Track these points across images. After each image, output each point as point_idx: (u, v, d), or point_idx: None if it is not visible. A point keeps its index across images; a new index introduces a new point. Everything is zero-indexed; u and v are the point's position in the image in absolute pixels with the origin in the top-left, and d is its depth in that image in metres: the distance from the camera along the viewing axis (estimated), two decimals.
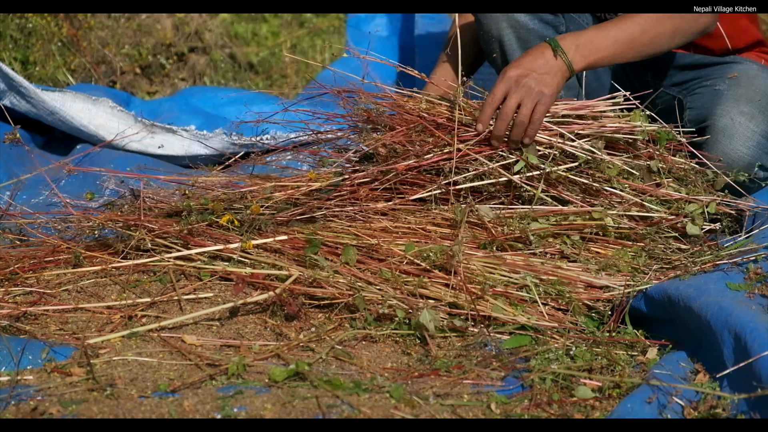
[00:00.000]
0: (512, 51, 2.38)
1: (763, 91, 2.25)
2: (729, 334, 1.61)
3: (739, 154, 2.19)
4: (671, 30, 2.13)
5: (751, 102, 2.22)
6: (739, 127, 2.19)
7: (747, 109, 2.21)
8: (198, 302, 1.91)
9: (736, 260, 1.93)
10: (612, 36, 2.07)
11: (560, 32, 2.40)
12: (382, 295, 1.88)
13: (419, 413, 1.54)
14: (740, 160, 2.19)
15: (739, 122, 2.20)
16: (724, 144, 2.20)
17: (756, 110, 2.22)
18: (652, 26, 2.12)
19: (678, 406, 1.55)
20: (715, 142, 2.21)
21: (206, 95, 3.48)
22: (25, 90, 2.78)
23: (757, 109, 2.22)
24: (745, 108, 2.21)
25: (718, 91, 2.27)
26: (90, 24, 3.78)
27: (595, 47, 2.06)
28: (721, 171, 2.20)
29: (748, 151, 2.19)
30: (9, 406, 1.50)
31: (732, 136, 2.19)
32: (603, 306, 1.95)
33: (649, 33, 2.10)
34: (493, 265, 1.97)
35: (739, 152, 2.19)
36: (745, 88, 2.25)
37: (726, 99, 2.24)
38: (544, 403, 1.59)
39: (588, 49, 2.06)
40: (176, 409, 1.51)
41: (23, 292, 1.93)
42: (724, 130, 2.20)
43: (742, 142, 2.19)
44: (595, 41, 2.06)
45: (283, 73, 4.02)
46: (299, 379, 1.64)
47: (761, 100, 2.23)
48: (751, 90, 2.25)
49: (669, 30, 2.12)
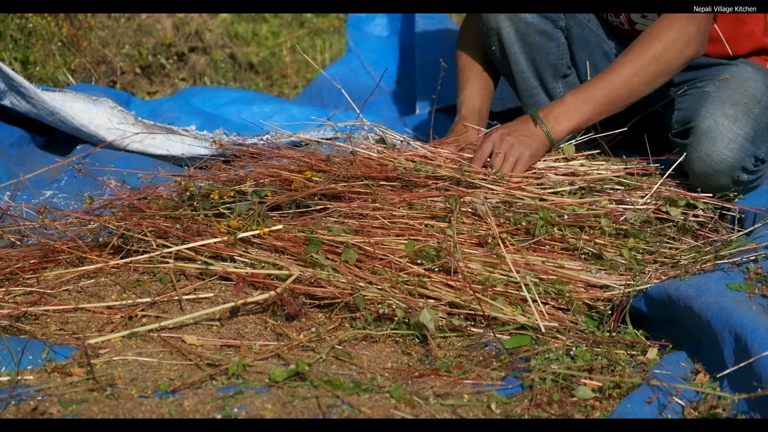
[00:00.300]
0: (511, 44, 2.39)
1: (751, 94, 2.23)
2: (729, 334, 1.61)
3: (722, 157, 2.16)
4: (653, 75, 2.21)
5: (737, 105, 2.19)
6: (722, 129, 2.17)
7: (731, 112, 2.18)
8: (198, 302, 1.91)
9: (736, 260, 1.93)
10: (590, 100, 2.19)
11: (559, 26, 2.40)
12: (382, 295, 1.88)
13: (419, 413, 1.54)
14: (722, 163, 2.17)
15: (723, 124, 2.17)
16: (707, 146, 2.17)
17: (741, 113, 2.19)
18: (633, 77, 2.19)
19: (678, 406, 1.55)
20: (698, 144, 2.18)
21: (206, 95, 3.48)
22: (26, 90, 2.78)
23: (742, 111, 2.19)
24: (730, 110, 2.18)
25: (706, 92, 2.25)
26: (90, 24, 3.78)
27: (574, 115, 2.19)
28: (703, 175, 2.19)
29: (731, 153, 2.16)
30: (9, 406, 1.50)
31: (714, 138, 2.17)
32: (603, 306, 1.95)
33: (630, 85, 2.20)
34: (493, 264, 1.97)
35: (721, 155, 2.16)
36: (733, 90, 2.23)
37: (712, 101, 2.21)
38: (545, 403, 1.59)
39: (566, 119, 2.19)
40: (176, 409, 1.51)
41: (23, 292, 1.93)
42: (707, 132, 2.17)
43: (724, 145, 2.16)
44: (573, 110, 2.19)
45: (284, 73, 4.02)
46: (299, 379, 1.64)
47: (748, 103, 2.20)
48: (738, 92, 2.22)
49: (650, 76, 2.20)
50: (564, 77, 2.47)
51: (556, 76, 2.46)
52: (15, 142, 2.88)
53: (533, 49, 2.40)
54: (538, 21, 2.37)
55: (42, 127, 2.97)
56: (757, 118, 2.21)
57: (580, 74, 2.50)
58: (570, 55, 2.47)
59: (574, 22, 2.43)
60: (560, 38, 2.42)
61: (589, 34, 2.46)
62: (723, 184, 2.20)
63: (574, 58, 2.48)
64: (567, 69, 2.47)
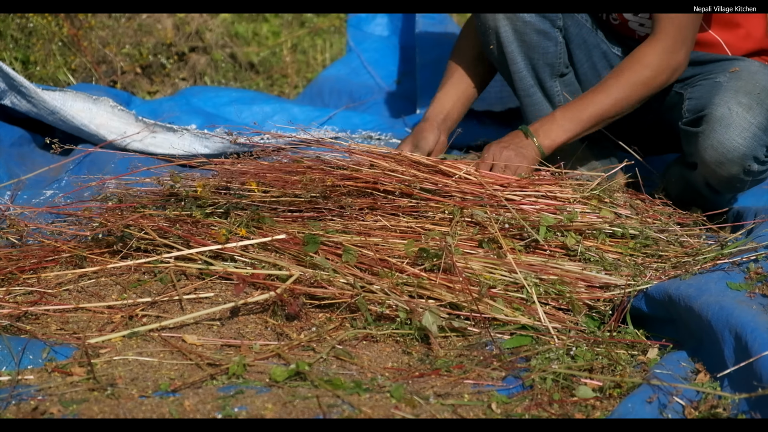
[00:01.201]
0: (508, 42, 2.39)
1: (763, 86, 2.24)
2: (730, 334, 1.61)
3: (735, 144, 2.18)
4: (640, 98, 2.31)
5: (750, 94, 2.21)
6: (736, 117, 2.18)
7: (745, 101, 2.20)
8: (199, 302, 1.91)
9: (736, 260, 1.93)
10: (579, 120, 2.31)
11: (557, 25, 2.41)
12: (382, 298, 1.88)
13: (420, 413, 1.54)
14: (735, 151, 2.18)
15: (737, 112, 2.19)
16: (720, 133, 2.19)
17: (754, 102, 2.20)
18: (621, 101, 2.29)
19: (679, 405, 1.55)
20: (711, 131, 2.20)
21: (207, 95, 3.47)
22: (26, 90, 2.78)
23: (756, 101, 2.20)
24: (744, 99, 2.20)
25: (718, 83, 2.26)
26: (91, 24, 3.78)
27: (562, 132, 2.31)
28: (714, 163, 2.20)
29: (743, 141, 2.18)
30: (10, 406, 1.50)
31: (728, 126, 2.18)
32: (604, 306, 1.95)
33: (617, 107, 2.31)
34: (493, 265, 1.97)
35: (734, 142, 2.18)
36: (745, 81, 2.24)
37: (725, 90, 2.23)
38: (545, 403, 1.59)
39: (555, 134, 2.31)
40: (177, 408, 1.51)
41: (24, 292, 1.93)
42: (721, 120, 2.19)
43: (738, 133, 2.18)
44: (561, 127, 2.31)
45: (284, 72, 4.02)
46: (300, 379, 1.64)
47: (760, 93, 2.22)
48: (750, 83, 2.24)
49: (637, 98, 2.31)
50: (561, 76, 2.48)
51: (554, 75, 2.47)
52: (15, 141, 2.88)
53: (531, 48, 2.40)
54: (536, 20, 2.37)
55: (42, 127, 2.97)
56: None
57: (578, 73, 2.50)
58: (568, 54, 2.47)
59: (572, 22, 2.44)
60: (558, 37, 2.42)
61: (587, 34, 2.47)
62: (734, 173, 2.21)
63: (572, 57, 2.48)
64: (565, 68, 2.47)
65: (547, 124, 2.32)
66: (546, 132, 2.31)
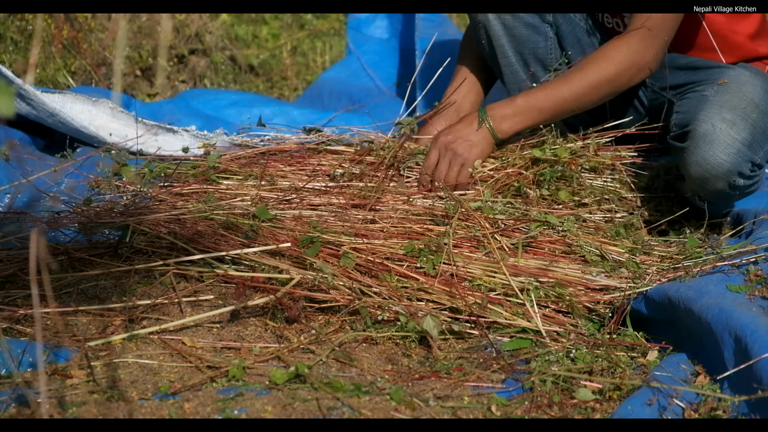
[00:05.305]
0: (498, 37, 2.39)
1: (749, 99, 2.22)
2: (729, 336, 1.61)
3: (719, 161, 2.16)
4: (602, 96, 2.29)
5: (735, 109, 2.19)
6: (719, 134, 2.16)
7: (729, 116, 2.17)
8: (199, 305, 1.91)
9: (736, 262, 1.93)
10: (539, 109, 2.29)
11: (546, 20, 2.40)
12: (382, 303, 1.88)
13: (419, 415, 1.54)
14: (719, 167, 2.16)
15: (720, 129, 2.16)
16: (704, 150, 2.16)
17: (738, 117, 2.18)
18: (582, 96, 2.27)
19: (678, 408, 1.55)
20: (696, 148, 2.17)
21: (206, 97, 3.47)
22: (25, 92, 2.78)
23: (740, 116, 2.18)
24: (728, 115, 2.18)
25: (704, 96, 2.25)
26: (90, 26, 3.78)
27: (520, 120, 2.28)
28: (699, 179, 2.19)
29: (727, 158, 2.16)
30: (9, 409, 1.50)
31: (712, 143, 2.16)
32: (603, 308, 1.95)
33: (579, 102, 2.28)
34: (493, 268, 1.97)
35: (718, 159, 2.16)
36: (731, 94, 2.22)
37: (710, 105, 2.20)
38: (545, 405, 1.59)
39: (513, 121, 2.28)
40: (177, 411, 1.51)
41: (23, 294, 1.93)
42: (705, 136, 2.16)
43: (722, 149, 2.16)
44: (520, 114, 2.28)
45: (284, 75, 4.02)
46: (300, 382, 1.64)
47: (746, 108, 2.20)
48: (737, 97, 2.22)
49: (599, 96, 2.29)
50: (555, 71, 2.47)
51: (546, 70, 2.46)
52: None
53: (520, 42, 2.40)
54: (525, 15, 2.37)
55: (42, 130, 2.97)
56: (755, 123, 2.20)
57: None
58: (560, 52, 2.47)
59: (564, 20, 2.43)
60: (548, 32, 2.42)
61: (581, 33, 2.47)
62: (719, 188, 2.19)
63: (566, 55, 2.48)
64: (557, 64, 2.47)
65: (507, 108, 2.29)
66: (504, 118, 2.28)
